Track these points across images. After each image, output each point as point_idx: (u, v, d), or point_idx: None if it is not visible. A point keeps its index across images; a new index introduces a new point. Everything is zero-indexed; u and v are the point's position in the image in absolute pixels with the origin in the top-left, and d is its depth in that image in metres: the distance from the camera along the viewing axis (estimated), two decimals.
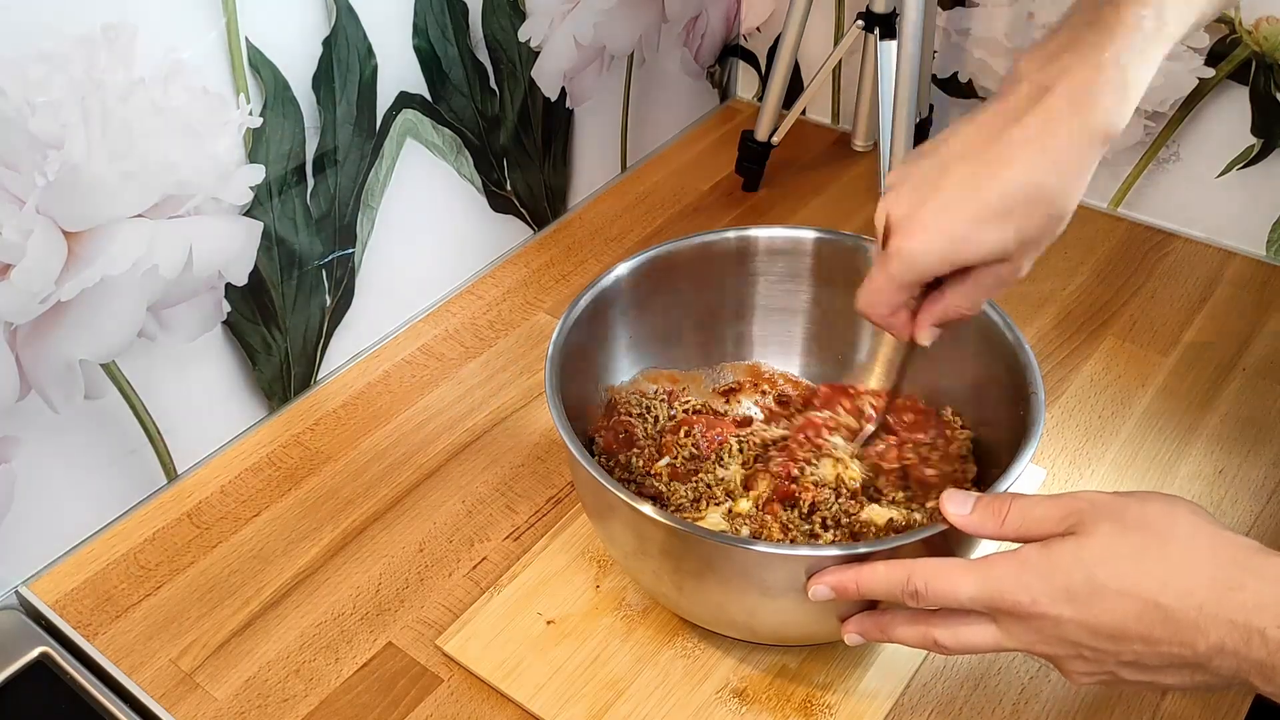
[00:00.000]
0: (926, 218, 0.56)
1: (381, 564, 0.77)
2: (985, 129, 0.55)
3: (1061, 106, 0.53)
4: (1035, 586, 0.53)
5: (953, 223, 0.55)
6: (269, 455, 0.85)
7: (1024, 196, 0.54)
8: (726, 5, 1.19)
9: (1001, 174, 0.54)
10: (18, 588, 0.75)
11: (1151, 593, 0.51)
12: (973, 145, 0.55)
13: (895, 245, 0.57)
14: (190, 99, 0.70)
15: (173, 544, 0.78)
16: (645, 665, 0.69)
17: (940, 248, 0.56)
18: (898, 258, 0.57)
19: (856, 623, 0.61)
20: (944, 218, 0.55)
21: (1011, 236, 0.55)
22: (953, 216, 0.55)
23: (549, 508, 0.80)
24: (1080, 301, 0.98)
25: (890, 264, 0.57)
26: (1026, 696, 0.68)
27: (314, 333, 0.88)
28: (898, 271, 0.57)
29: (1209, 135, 1.00)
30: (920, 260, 0.56)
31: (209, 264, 0.76)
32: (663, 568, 0.65)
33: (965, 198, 0.55)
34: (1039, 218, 0.55)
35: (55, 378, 0.71)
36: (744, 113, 1.25)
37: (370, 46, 0.81)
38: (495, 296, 0.99)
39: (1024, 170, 0.54)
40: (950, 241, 0.55)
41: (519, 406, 0.89)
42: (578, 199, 1.10)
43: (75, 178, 0.65)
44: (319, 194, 0.82)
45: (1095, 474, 0.82)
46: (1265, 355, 0.92)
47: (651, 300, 0.78)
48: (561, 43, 0.98)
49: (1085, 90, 0.53)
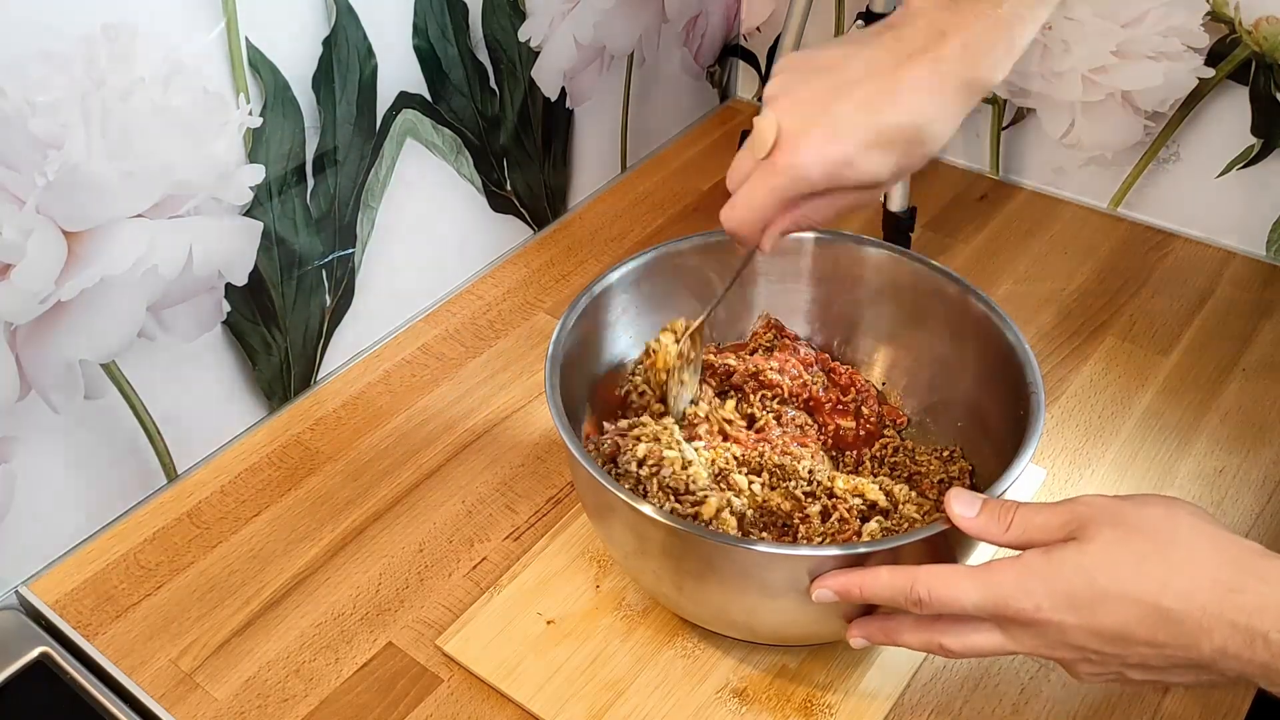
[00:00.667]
0: (818, 138, 0.57)
1: (381, 564, 0.77)
2: (881, 59, 0.57)
3: (954, 56, 0.55)
4: (1038, 593, 0.53)
5: (843, 145, 0.56)
6: (269, 455, 0.85)
7: (909, 132, 0.56)
8: (726, 5, 1.19)
9: (893, 108, 0.56)
10: (18, 588, 0.75)
11: (1153, 596, 0.51)
12: (868, 74, 0.57)
13: (785, 160, 0.57)
14: (190, 99, 0.70)
15: (173, 544, 0.78)
16: (645, 665, 0.69)
17: (827, 167, 0.57)
18: (787, 172, 0.57)
19: (862, 626, 0.61)
20: (835, 141, 0.56)
21: (890, 167, 0.57)
22: (844, 140, 0.56)
23: (549, 508, 0.80)
24: (1080, 301, 0.98)
25: (775, 177, 0.58)
26: (1027, 696, 0.68)
27: (314, 333, 0.88)
28: (782, 185, 0.58)
29: (1209, 135, 1.00)
30: (807, 178, 0.57)
31: (209, 264, 0.76)
32: (663, 568, 0.65)
33: (858, 124, 0.56)
34: (914, 154, 0.57)
35: (55, 378, 0.71)
36: (744, 113, 1.25)
37: (370, 46, 0.81)
38: (495, 296, 0.99)
39: (914, 108, 0.56)
40: (837, 163, 0.56)
41: (519, 406, 0.89)
42: (578, 199, 1.10)
43: (75, 178, 0.65)
44: (319, 194, 0.82)
45: (1095, 474, 0.82)
46: (1265, 355, 0.92)
47: (652, 300, 0.78)
48: (561, 43, 0.98)
49: (977, 44, 0.55)
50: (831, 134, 0.56)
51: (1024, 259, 1.03)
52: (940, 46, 0.55)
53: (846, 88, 0.57)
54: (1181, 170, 1.03)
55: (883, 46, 0.57)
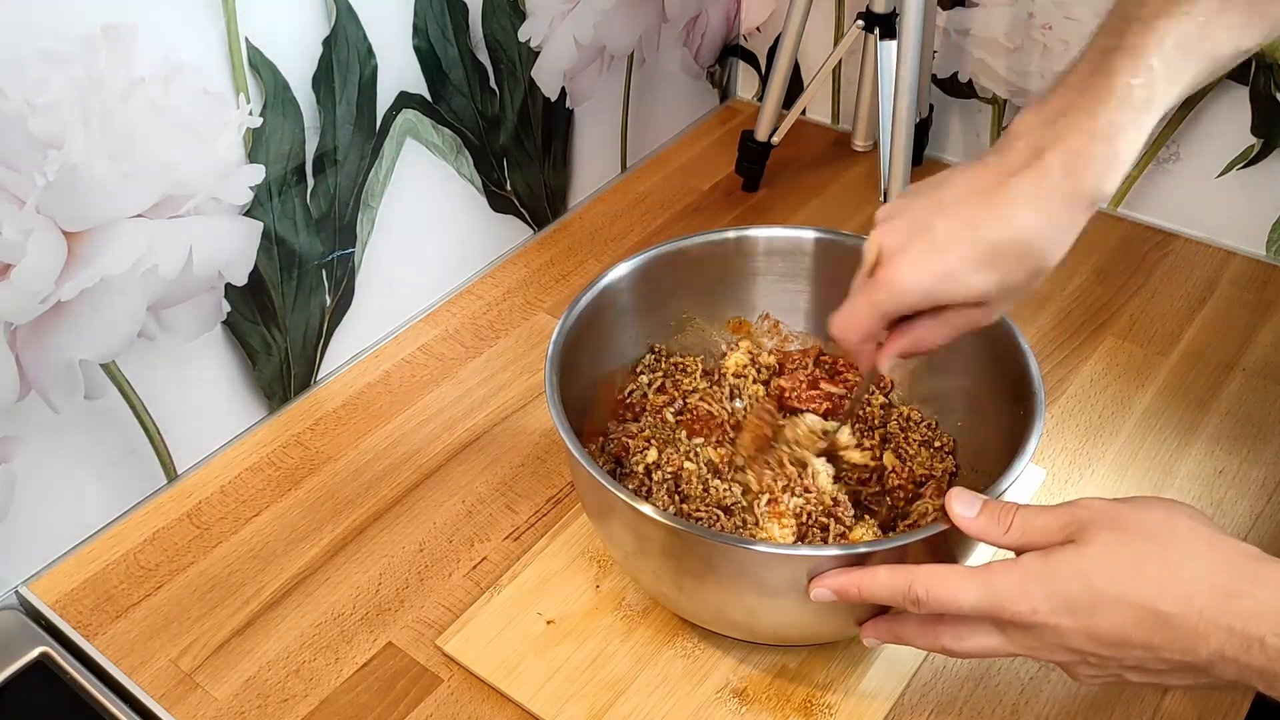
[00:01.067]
0: (918, 253, 0.57)
1: (381, 564, 0.77)
2: (983, 179, 0.57)
3: (1055, 171, 0.55)
4: (1036, 596, 0.53)
5: (943, 262, 0.56)
6: (269, 455, 0.85)
7: (1013, 248, 0.56)
8: (726, 5, 1.19)
9: (995, 223, 0.56)
10: (18, 588, 0.75)
11: (1150, 599, 0.51)
12: (970, 192, 0.57)
13: (884, 275, 0.58)
14: (190, 99, 0.70)
15: (173, 544, 0.78)
16: (645, 665, 0.69)
17: (927, 283, 0.57)
18: (885, 287, 0.58)
19: (873, 627, 0.62)
20: (935, 256, 0.57)
21: (995, 283, 0.56)
22: (944, 256, 0.56)
23: (549, 508, 0.80)
24: (1080, 301, 0.98)
25: (876, 292, 0.59)
26: (1027, 696, 0.68)
27: (314, 333, 0.88)
28: (882, 300, 0.59)
29: (1209, 135, 1.00)
30: (906, 292, 0.58)
31: (209, 264, 0.76)
32: (663, 568, 0.65)
33: (958, 240, 0.56)
34: (1023, 270, 0.56)
35: (55, 378, 0.71)
36: (744, 113, 1.25)
37: (370, 46, 0.81)
38: (495, 296, 0.99)
39: (1017, 224, 0.55)
40: (937, 279, 0.57)
41: (519, 406, 0.89)
42: (578, 199, 1.10)
43: (75, 178, 0.65)
44: (319, 194, 0.82)
45: (1095, 474, 0.82)
46: (1265, 355, 0.92)
47: (651, 300, 0.78)
48: (561, 43, 0.98)
49: (1077, 158, 0.55)
50: (931, 251, 0.57)
51: None
52: (1040, 163, 0.55)
53: (948, 206, 0.57)
54: (1181, 170, 1.03)
55: (985, 168, 0.57)
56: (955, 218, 0.56)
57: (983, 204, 0.56)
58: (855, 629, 0.63)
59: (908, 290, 0.57)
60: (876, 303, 0.59)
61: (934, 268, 0.57)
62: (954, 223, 0.56)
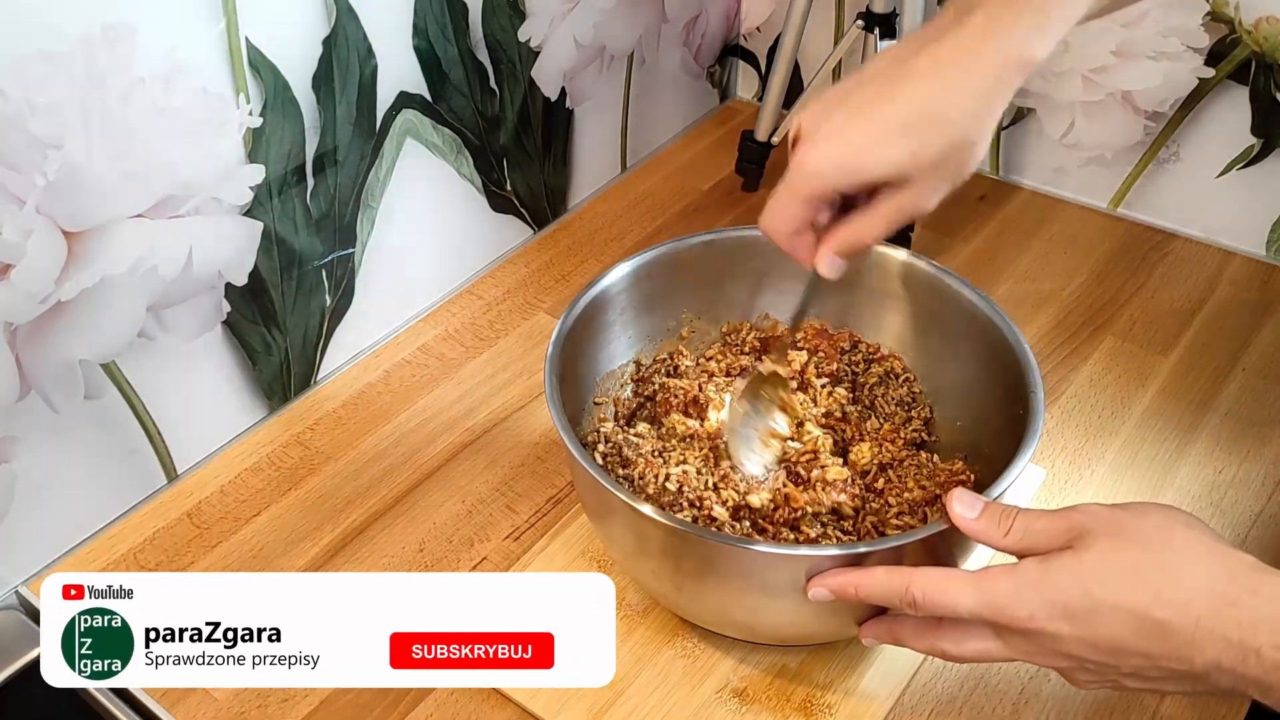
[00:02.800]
0: (829, 129, 0.56)
1: (381, 564, 0.77)
2: (904, 50, 0.55)
3: (976, 32, 0.53)
4: (1033, 603, 0.53)
5: (852, 135, 0.55)
6: (269, 455, 0.85)
7: (922, 116, 0.54)
8: (726, 5, 1.19)
9: (902, 92, 0.54)
10: (18, 588, 0.75)
11: (1146, 606, 0.51)
12: (889, 63, 0.55)
13: (797, 156, 0.56)
14: (190, 99, 0.70)
15: (173, 544, 0.78)
16: (645, 665, 0.69)
17: (837, 158, 0.55)
18: (799, 168, 0.56)
19: (872, 627, 0.62)
20: (844, 130, 0.55)
21: (908, 155, 0.54)
22: (853, 129, 0.55)
23: (549, 508, 0.80)
24: (1080, 301, 0.98)
25: (790, 176, 0.57)
26: (1026, 696, 0.68)
27: (314, 333, 0.88)
28: (797, 181, 0.57)
29: (1209, 135, 1.00)
30: (819, 170, 0.56)
31: (209, 264, 0.76)
32: (662, 568, 0.65)
33: (867, 113, 0.55)
34: (938, 141, 0.54)
35: (55, 378, 0.71)
36: (744, 113, 1.25)
37: (370, 46, 0.81)
38: (495, 296, 0.99)
39: (925, 91, 0.54)
40: (847, 153, 0.55)
41: (519, 406, 0.89)
42: (578, 199, 1.10)
43: (75, 178, 0.65)
44: (319, 194, 0.82)
45: (1095, 474, 0.82)
46: (1265, 355, 0.92)
47: (651, 300, 0.78)
48: (561, 43, 0.98)
49: (999, 18, 0.53)
50: (841, 125, 0.55)
51: (1024, 259, 1.03)
52: (961, 26, 0.53)
53: (865, 82, 0.56)
54: (1181, 170, 1.03)
55: (910, 39, 0.56)
56: (868, 90, 0.55)
57: (896, 72, 0.54)
58: (855, 629, 0.63)
59: (820, 168, 0.56)
60: (793, 186, 0.57)
61: (842, 142, 0.55)
62: (866, 95, 0.55)
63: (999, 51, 0.53)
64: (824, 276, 0.61)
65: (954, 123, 0.54)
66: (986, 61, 0.53)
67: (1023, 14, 0.52)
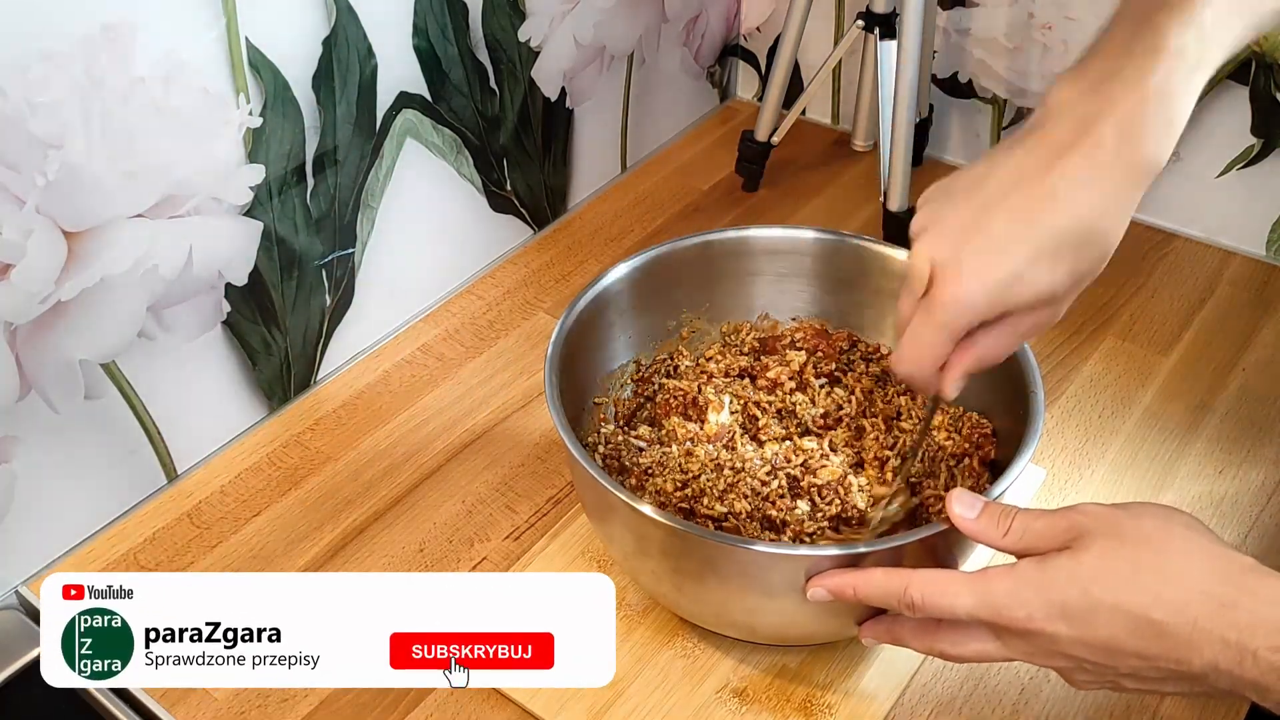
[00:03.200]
0: (976, 260, 0.52)
1: (382, 564, 0.77)
2: (1029, 162, 0.52)
3: (1109, 142, 0.51)
4: (1031, 603, 0.53)
5: (1004, 264, 0.52)
6: (269, 455, 0.85)
7: (1077, 236, 0.51)
8: (726, 5, 1.19)
9: (1054, 210, 0.51)
10: (18, 588, 0.75)
11: (1144, 607, 0.51)
12: (1018, 179, 0.52)
13: (943, 291, 0.53)
14: (190, 99, 0.70)
15: (173, 544, 0.78)
16: (645, 665, 0.69)
17: (991, 291, 0.52)
18: (949, 305, 0.53)
19: (871, 627, 0.62)
20: (995, 259, 0.52)
21: (1063, 277, 0.52)
22: (1004, 257, 0.51)
23: (549, 508, 0.80)
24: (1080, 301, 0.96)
25: (940, 313, 0.53)
26: (1026, 696, 0.68)
27: (314, 333, 0.88)
28: (948, 320, 0.53)
29: (1209, 135, 1.00)
30: (974, 305, 0.53)
31: (209, 264, 0.76)
32: (662, 568, 0.65)
33: (1017, 236, 0.51)
34: (1090, 256, 0.52)
35: (55, 378, 0.71)
36: (744, 113, 1.25)
37: (370, 46, 0.81)
38: (495, 296, 0.99)
39: (1076, 208, 0.51)
40: (1004, 284, 0.52)
41: (519, 406, 0.89)
42: (578, 199, 1.10)
43: (75, 178, 0.65)
44: (319, 194, 0.82)
45: (1095, 474, 0.82)
46: (1265, 355, 0.92)
47: (651, 300, 0.78)
48: (561, 43, 0.98)
49: (1131, 124, 0.50)
50: (989, 254, 0.52)
51: None
52: (1091, 135, 0.50)
53: (996, 201, 0.52)
54: (1181, 170, 1.03)
55: (1028, 151, 0.52)
56: (1007, 212, 0.51)
57: (1035, 191, 0.51)
58: (855, 629, 0.63)
59: (975, 302, 0.52)
60: (942, 324, 0.53)
61: (997, 272, 0.52)
62: (1007, 217, 0.51)
63: (1134, 163, 0.51)
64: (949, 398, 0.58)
65: (1103, 239, 0.52)
66: (1126, 171, 0.51)
67: (1151, 123, 0.51)
